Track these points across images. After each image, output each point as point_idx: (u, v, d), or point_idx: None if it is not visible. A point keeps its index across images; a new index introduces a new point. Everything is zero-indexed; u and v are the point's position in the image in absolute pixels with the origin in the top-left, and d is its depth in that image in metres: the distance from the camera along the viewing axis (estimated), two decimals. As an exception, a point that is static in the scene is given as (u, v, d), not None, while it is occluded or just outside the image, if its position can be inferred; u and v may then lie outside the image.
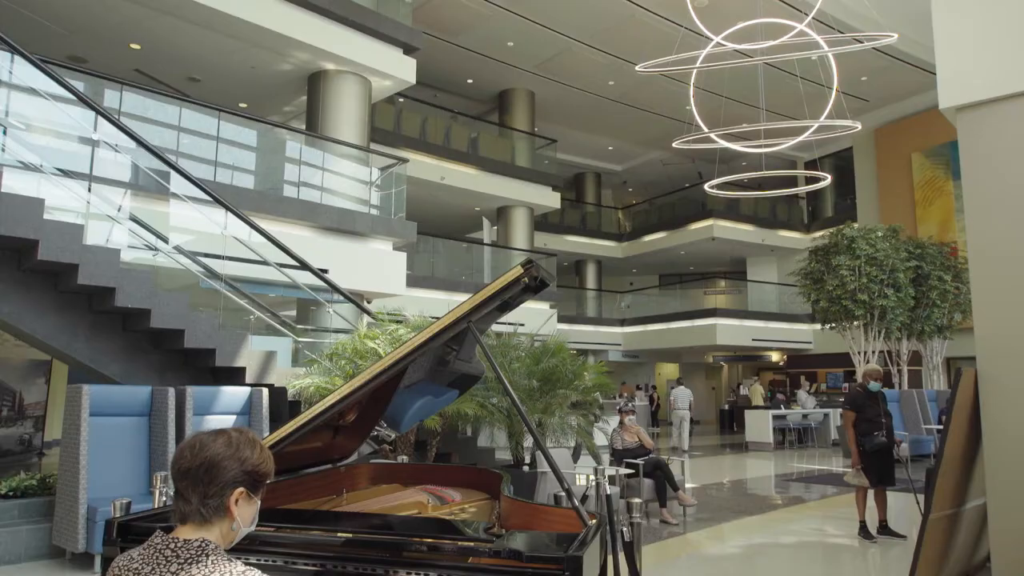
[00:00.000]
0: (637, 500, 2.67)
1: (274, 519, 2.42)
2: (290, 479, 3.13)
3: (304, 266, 8.20)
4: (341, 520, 2.60)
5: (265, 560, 2.16)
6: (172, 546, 1.49)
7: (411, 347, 2.41)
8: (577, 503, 2.28)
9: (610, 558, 2.39)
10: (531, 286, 2.42)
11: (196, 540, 1.50)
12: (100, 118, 7.42)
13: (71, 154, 7.64)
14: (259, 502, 1.62)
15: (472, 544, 2.08)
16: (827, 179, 14.60)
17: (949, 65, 4.82)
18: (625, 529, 2.35)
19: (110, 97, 8.76)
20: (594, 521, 2.29)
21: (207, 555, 1.48)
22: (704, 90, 16.40)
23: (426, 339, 2.41)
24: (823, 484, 11.06)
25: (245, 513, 1.58)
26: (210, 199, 7.66)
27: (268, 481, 1.63)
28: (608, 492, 3.51)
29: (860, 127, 13.65)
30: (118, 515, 2.50)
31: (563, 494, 2.98)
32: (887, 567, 6.23)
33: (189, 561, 1.46)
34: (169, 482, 3.12)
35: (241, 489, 1.55)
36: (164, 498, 2.85)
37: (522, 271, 2.37)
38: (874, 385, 6.87)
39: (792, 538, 7.27)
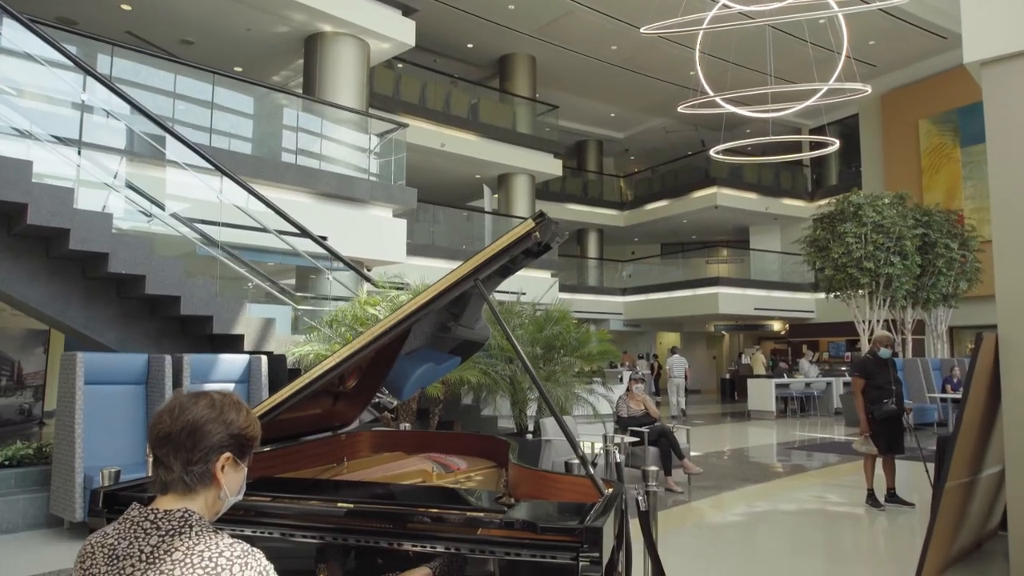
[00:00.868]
0: (653, 468, 2.54)
1: (271, 488, 2.29)
2: (288, 447, 3.00)
3: (303, 232, 8.03)
4: (342, 489, 2.46)
5: (261, 532, 2.03)
6: (151, 518, 1.36)
7: (415, 307, 2.26)
8: (592, 471, 2.15)
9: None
10: (542, 241, 2.26)
11: (178, 510, 1.37)
12: (90, 79, 7.19)
13: (60, 118, 7.43)
14: (246, 469, 1.49)
15: (481, 514, 1.94)
16: (835, 143, 14.35)
17: (974, 18, 4.61)
18: (640, 498, 2.21)
19: (102, 62, 8.51)
20: (610, 490, 2.16)
21: (190, 526, 1.35)
22: (710, 55, 16.05)
23: (431, 298, 2.25)
24: (826, 452, 11.01)
25: (232, 480, 1.46)
26: (206, 164, 7.47)
27: (255, 446, 1.50)
28: (618, 460, 3.39)
29: (870, 90, 13.37)
30: (106, 484, 2.37)
31: (575, 461, 2.86)
32: (895, 534, 6.16)
33: (171, 533, 1.34)
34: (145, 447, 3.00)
35: (228, 454, 1.42)
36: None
37: (533, 224, 2.21)
38: (884, 352, 6.74)
39: (798, 506, 7.20)
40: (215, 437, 1.40)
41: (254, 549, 1.38)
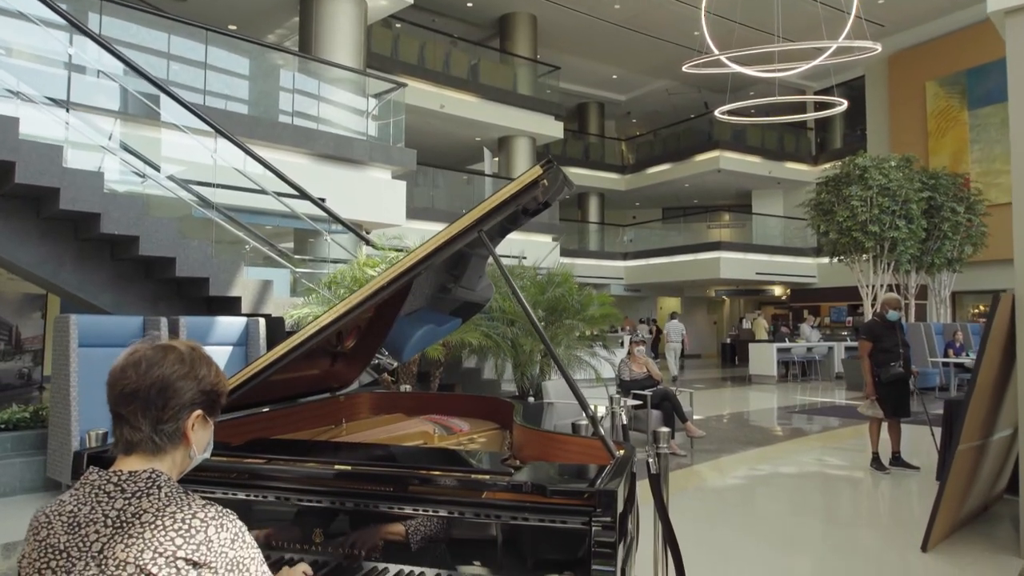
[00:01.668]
0: (665, 430, 2.43)
1: (265, 450, 2.19)
2: (284, 408, 2.90)
3: (301, 193, 7.87)
4: (339, 451, 2.36)
5: (254, 496, 1.92)
6: (115, 480, 1.25)
7: (414, 260, 2.12)
8: (603, 432, 2.03)
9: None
10: (551, 189, 2.12)
11: (144, 471, 1.27)
12: (77, 34, 6.96)
13: (48, 75, 7.22)
14: (213, 425, 1.41)
15: (487, 477, 1.83)
16: (843, 103, 14.07)
17: (998, -36, 4.40)
18: (651, 460, 2.11)
19: (91, 20, 8.25)
20: (622, 452, 2.05)
21: (159, 487, 1.26)
22: (715, 15, 15.67)
23: (431, 251, 2.12)
24: (828, 416, 10.97)
25: (201, 438, 1.37)
26: (200, 123, 7.27)
27: (223, 402, 1.42)
28: (625, 422, 3.28)
29: (880, 48, 13.06)
30: (93, 446, 2.27)
31: (583, 423, 2.75)
32: (900, 498, 6.11)
33: (137, 495, 1.23)
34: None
35: (199, 412, 1.33)
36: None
37: (541, 172, 2.06)
38: (893, 314, 6.63)
39: (801, 469, 7.16)
40: (187, 394, 1.31)
41: (228, 511, 1.29)
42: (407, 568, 1.78)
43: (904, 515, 5.62)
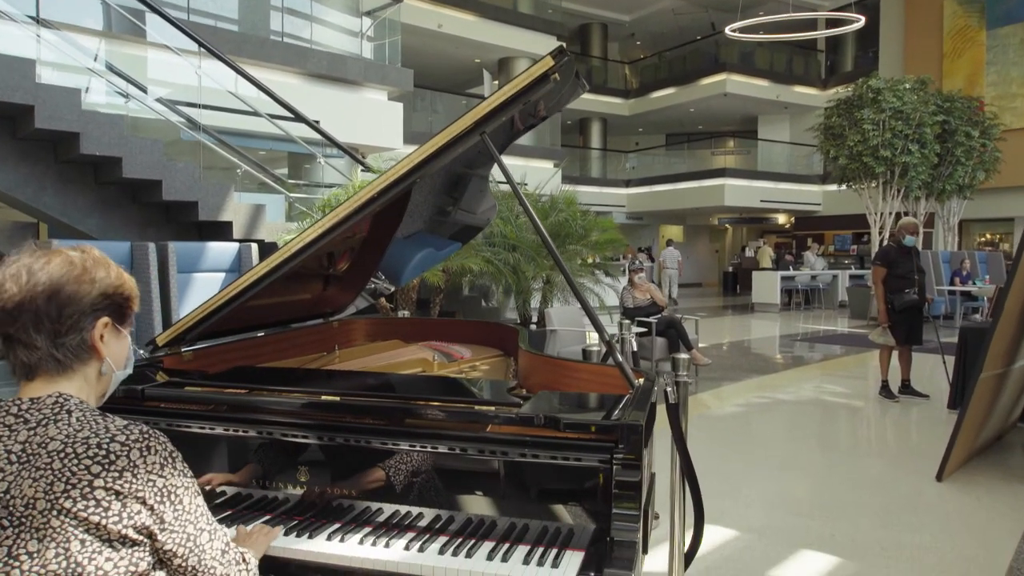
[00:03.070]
0: (684, 356, 2.23)
1: (247, 379, 1.99)
2: (272, 335, 2.70)
3: (293, 113, 7.50)
4: (329, 380, 2.16)
5: (233, 430, 1.73)
6: (14, 411, 1.08)
7: (409, 166, 1.87)
8: (621, 358, 1.83)
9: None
10: (563, 84, 1.86)
11: (48, 396, 1.10)
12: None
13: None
14: (129, 337, 1.25)
15: (492, 409, 1.63)
16: (860, 20, 13.45)
17: None
18: (670, 390, 1.91)
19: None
20: (641, 380, 1.85)
21: (68, 412, 1.09)
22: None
23: (428, 156, 1.86)
24: (832, 344, 10.86)
25: (115, 350, 1.20)
26: (185, 40, 6.85)
27: (135, 308, 1.25)
28: (635, 349, 3.10)
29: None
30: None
31: (593, 348, 2.57)
32: (910, 426, 6.01)
33: (43, 424, 1.07)
34: (139, 338, 2.69)
35: (105, 319, 1.17)
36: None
37: (552, 63, 1.80)
38: (910, 239, 6.39)
39: (809, 397, 7.05)
40: (85, 299, 1.14)
41: (156, 431, 1.11)
42: (403, 509, 1.60)
43: (915, 444, 5.51)
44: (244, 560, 1.25)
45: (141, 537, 1.06)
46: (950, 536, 3.54)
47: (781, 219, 26.13)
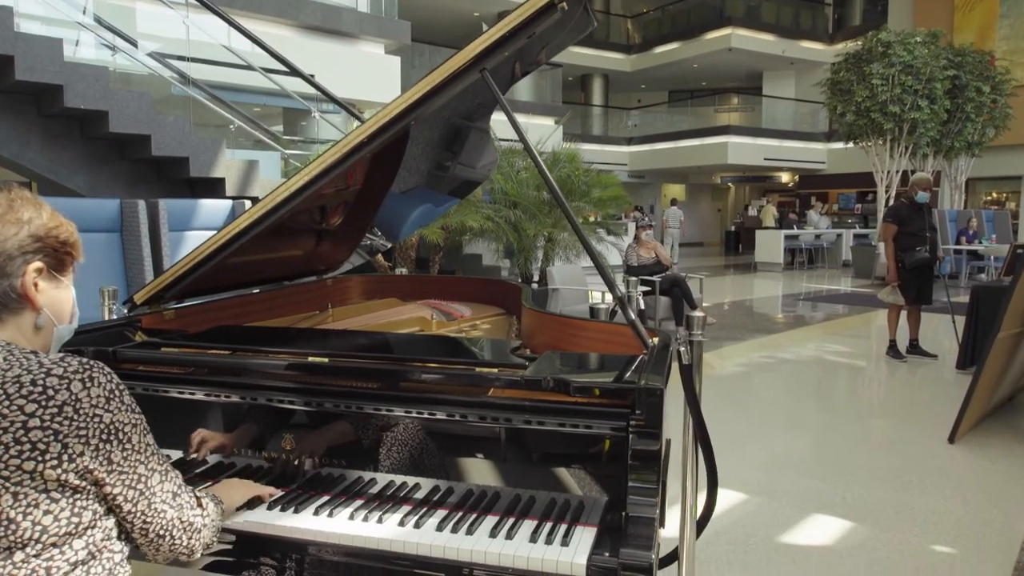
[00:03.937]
0: (699, 314, 2.08)
1: (231, 339, 1.85)
2: (261, 292, 2.55)
3: (286, 65, 7.22)
4: (320, 340, 2.02)
5: (214, 394, 1.59)
6: None
7: (403, 105, 1.71)
8: (634, 316, 1.68)
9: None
10: (570, 13, 1.68)
11: None
12: None
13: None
14: (71, 286, 1.14)
15: (495, 371, 1.49)
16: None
17: None
18: (683, 349, 1.76)
19: None
20: (655, 340, 1.71)
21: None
22: None
23: (422, 95, 1.70)
24: (836, 304, 10.73)
25: (54, 298, 1.10)
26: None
27: (76, 256, 1.14)
28: (642, 307, 2.94)
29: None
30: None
31: (601, 306, 2.43)
32: (919, 386, 5.91)
33: None
34: (119, 295, 2.54)
35: (38, 264, 1.06)
36: (113, 315, 2.28)
37: (559, -10, 1.61)
38: (922, 196, 6.20)
39: (813, 357, 6.95)
40: (10, 243, 1.03)
41: (98, 363, 1.01)
42: (397, 479, 1.47)
43: (924, 405, 5.41)
44: (200, 504, 1.16)
45: (84, 483, 0.95)
46: (964, 499, 3.44)
47: (785, 178, 25.80)
